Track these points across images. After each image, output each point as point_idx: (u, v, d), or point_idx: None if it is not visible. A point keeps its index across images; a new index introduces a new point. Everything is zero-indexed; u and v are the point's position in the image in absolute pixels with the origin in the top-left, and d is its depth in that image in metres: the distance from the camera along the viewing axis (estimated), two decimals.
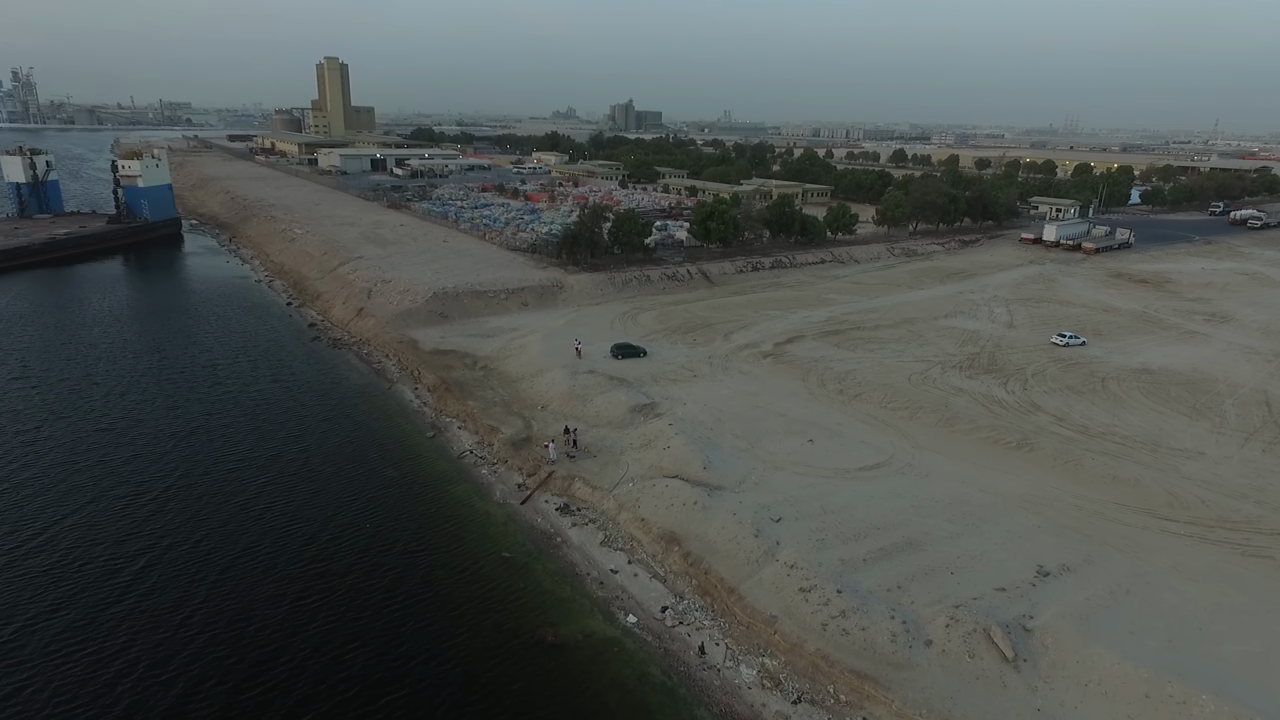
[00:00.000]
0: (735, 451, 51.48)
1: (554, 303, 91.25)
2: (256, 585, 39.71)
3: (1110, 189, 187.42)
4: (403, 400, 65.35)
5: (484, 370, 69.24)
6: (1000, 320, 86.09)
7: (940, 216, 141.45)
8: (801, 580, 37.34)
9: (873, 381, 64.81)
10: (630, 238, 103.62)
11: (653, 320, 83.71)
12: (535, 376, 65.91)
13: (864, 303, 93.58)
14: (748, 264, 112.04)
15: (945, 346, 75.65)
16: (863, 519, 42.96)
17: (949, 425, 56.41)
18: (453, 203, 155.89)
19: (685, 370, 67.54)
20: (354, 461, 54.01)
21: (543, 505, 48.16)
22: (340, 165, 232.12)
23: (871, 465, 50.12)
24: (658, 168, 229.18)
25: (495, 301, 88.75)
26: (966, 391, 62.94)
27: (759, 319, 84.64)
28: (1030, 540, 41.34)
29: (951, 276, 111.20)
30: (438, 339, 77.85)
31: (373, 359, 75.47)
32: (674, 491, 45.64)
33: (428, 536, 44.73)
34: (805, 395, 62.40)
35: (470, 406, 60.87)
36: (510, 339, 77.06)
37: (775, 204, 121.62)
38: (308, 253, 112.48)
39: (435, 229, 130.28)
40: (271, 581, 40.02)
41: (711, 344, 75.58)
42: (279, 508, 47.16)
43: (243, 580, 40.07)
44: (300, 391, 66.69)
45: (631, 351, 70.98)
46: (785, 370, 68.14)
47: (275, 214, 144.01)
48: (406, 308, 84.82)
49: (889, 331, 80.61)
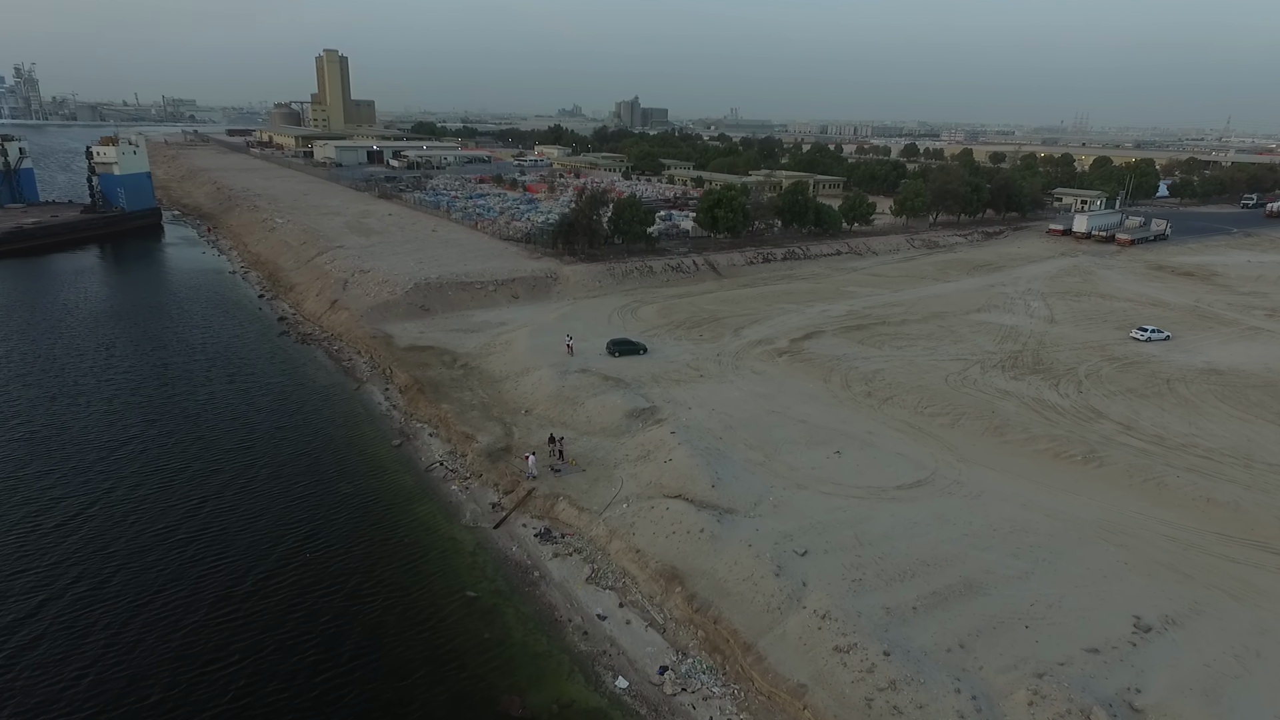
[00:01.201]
0: (749, 466, 43.62)
1: (547, 295, 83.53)
2: (163, 640, 31.93)
3: (1137, 180, 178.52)
4: (370, 403, 57.71)
5: (464, 369, 61.54)
6: (1039, 315, 77.92)
7: (962, 207, 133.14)
8: (837, 635, 29.46)
9: (905, 383, 56.83)
10: (631, 226, 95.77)
11: (654, 314, 75.88)
12: (520, 376, 58.17)
13: (887, 296, 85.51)
14: (758, 255, 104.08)
15: (982, 343, 67.58)
16: (907, 552, 35.05)
17: (998, 434, 48.39)
18: (446, 193, 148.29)
19: (690, 369, 59.72)
20: (305, 476, 46.33)
21: (520, 530, 40.40)
22: (335, 157, 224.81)
23: (911, 483, 42.18)
24: (662, 160, 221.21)
25: (482, 293, 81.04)
26: (1014, 395, 54.88)
27: (772, 313, 76.72)
28: (1118, 581, 33.34)
29: (979, 269, 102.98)
30: (416, 334, 70.21)
31: (343, 356, 67.86)
32: (676, 516, 37.81)
33: (380, 570, 36.99)
34: (828, 398, 54.48)
35: (444, 410, 53.15)
36: (496, 334, 69.36)
37: (788, 191, 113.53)
38: (286, 242, 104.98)
39: (425, 218, 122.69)
40: (182, 635, 32.23)
41: (720, 340, 67.72)
42: (208, 536, 39.46)
43: (147, 633, 32.32)
44: (256, 394, 59.08)
45: (630, 348, 63.20)
46: (804, 370, 60.22)
47: (259, 204, 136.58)
48: (384, 300, 77.21)
49: (917, 327, 72.55)
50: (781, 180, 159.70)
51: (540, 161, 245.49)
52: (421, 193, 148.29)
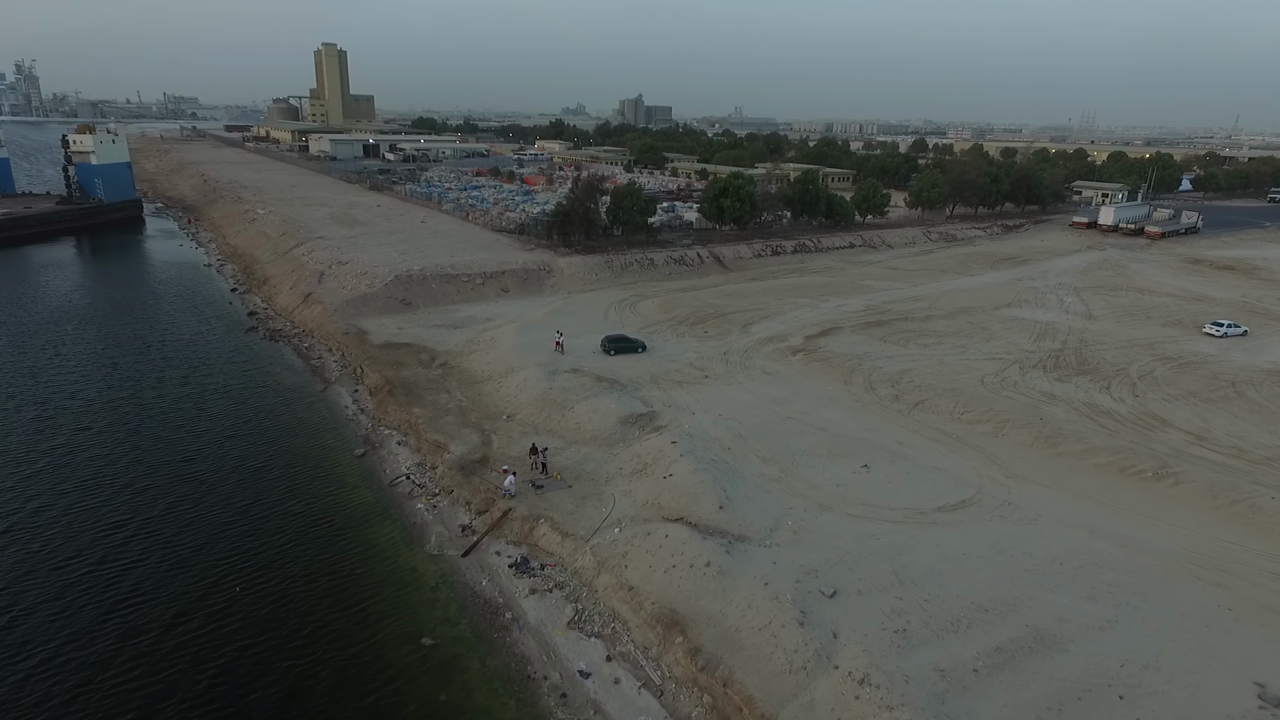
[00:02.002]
0: (763, 482, 37.31)
1: (540, 288, 77.31)
2: (41, 702, 25.83)
3: (1159, 174, 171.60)
4: (336, 406, 51.54)
5: (442, 368, 55.32)
6: (1075, 311, 71.43)
7: (980, 199, 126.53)
8: (880, 708, 23.15)
9: (936, 385, 50.42)
10: (631, 216, 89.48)
11: (655, 309, 69.59)
12: (503, 377, 51.93)
13: (907, 290, 79.07)
14: (766, 247, 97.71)
15: (1017, 341, 61.13)
16: (959, 593, 28.72)
17: (1050, 445, 41.96)
18: (439, 185, 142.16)
19: (694, 369, 53.42)
20: (250, 492, 40.14)
21: (492, 559, 34.15)
22: (330, 150, 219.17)
23: (955, 504, 35.82)
24: (666, 154, 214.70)
25: (469, 287, 74.83)
26: (1061, 399, 48.43)
27: (784, 307, 70.35)
28: (1225, 634, 26.96)
29: (1003, 262, 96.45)
30: (394, 330, 64.03)
31: (313, 354, 61.72)
32: (677, 544, 31.52)
33: (321, 610, 30.77)
34: (851, 403, 48.10)
35: (415, 415, 46.92)
36: (481, 330, 63.16)
37: (799, 181, 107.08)
38: (265, 233, 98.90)
39: (415, 210, 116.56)
40: (63, 697, 26.12)
41: (727, 337, 61.40)
42: (129, 576, 33.06)
43: (19, 693, 26.20)
44: (211, 397, 52.92)
45: (627, 345, 56.94)
46: (822, 370, 53.86)
47: (243, 195, 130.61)
48: (362, 293, 71.04)
49: (944, 323, 66.11)
50: (789, 173, 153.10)
51: (540, 156, 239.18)
52: (414, 185, 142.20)
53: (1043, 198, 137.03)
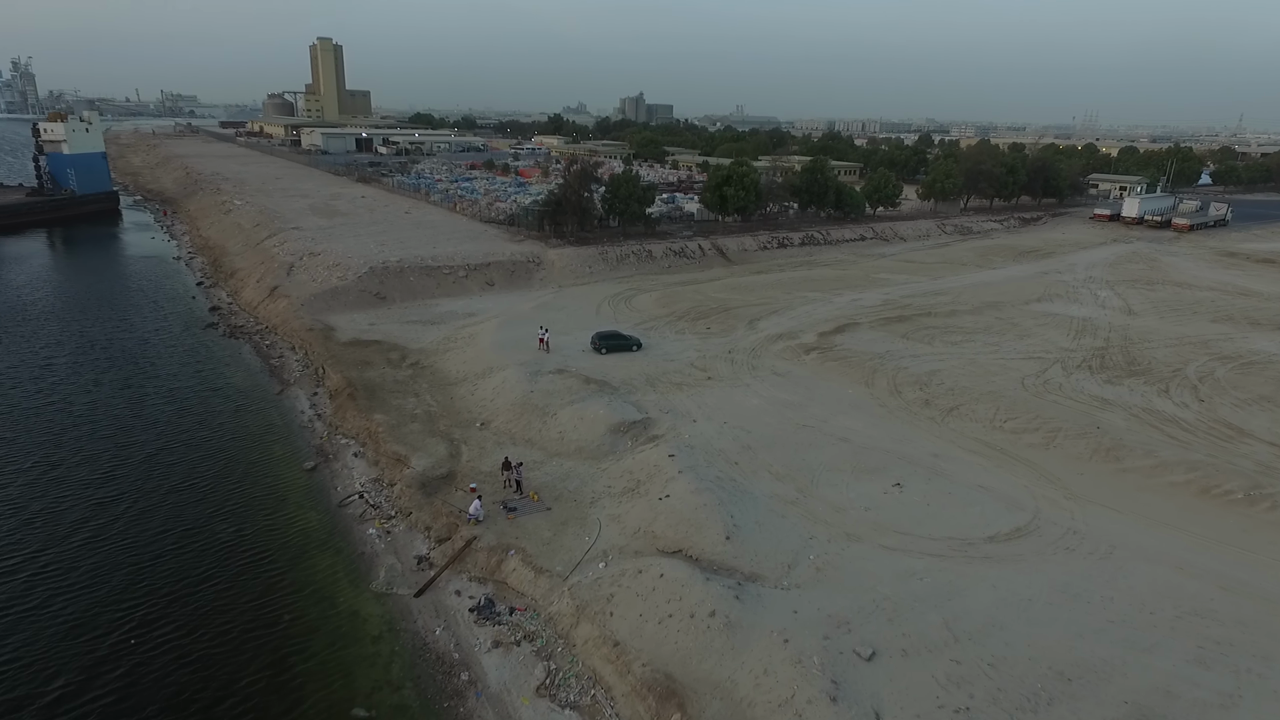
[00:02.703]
0: (777, 505, 31.31)
1: (528, 282, 71.31)
2: None
3: (1178, 166, 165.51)
4: (291, 411, 45.58)
5: (413, 368, 49.33)
6: (1113, 306, 65.35)
7: (996, 190, 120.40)
8: None
9: (971, 387, 44.37)
10: (628, 205, 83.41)
11: (652, 303, 63.59)
12: (480, 378, 45.95)
13: (926, 284, 73.03)
14: (772, 239, 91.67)
15: (1055, 339, 55.08)
16: (1029, 653, 22.70)
17: (1112, 459, 35.90)
18: (429, 177, 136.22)
19: (695, 370, 47.43)
20: (176, 516, 34.16)
21: (451, 600, 28.16)
22: (321, 144, 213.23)
23: (1009, 532, 29.80)
24: (667, 147, 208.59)
25: (451, 280, 68.83)
26: (1116, 403, 42.36)
27: (794, 302, 64.31)
28: None
29: (1025, 255, 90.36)
30: (364, 325, 58.08)
31: (273, 352, 55.78)
32: (675, 586, 25.53)
33: (231, 670, 24.80)
34: (875, 408, 42.05)
35: (375, 423, 40.92)
36: (460, 327, 57.20)
37: (806, 170, 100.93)
38: (239, 225, 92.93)
39: (401, 201, 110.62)
40: None
41: (732, 334, 55.40)
42: (15, 629, 27.30)
43: None
44: (152, 403, 46.94)
45: (620, 343, 50.93)
46: (839, 370, 47.81)
47: (223, 187, 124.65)
48: (333, 286, 65.07)
49: (971, 319, 60.07)
50: (794, 164, 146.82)
51: (538, 150, 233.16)
52: (403, 177, 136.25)
53: (1060, 190, 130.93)
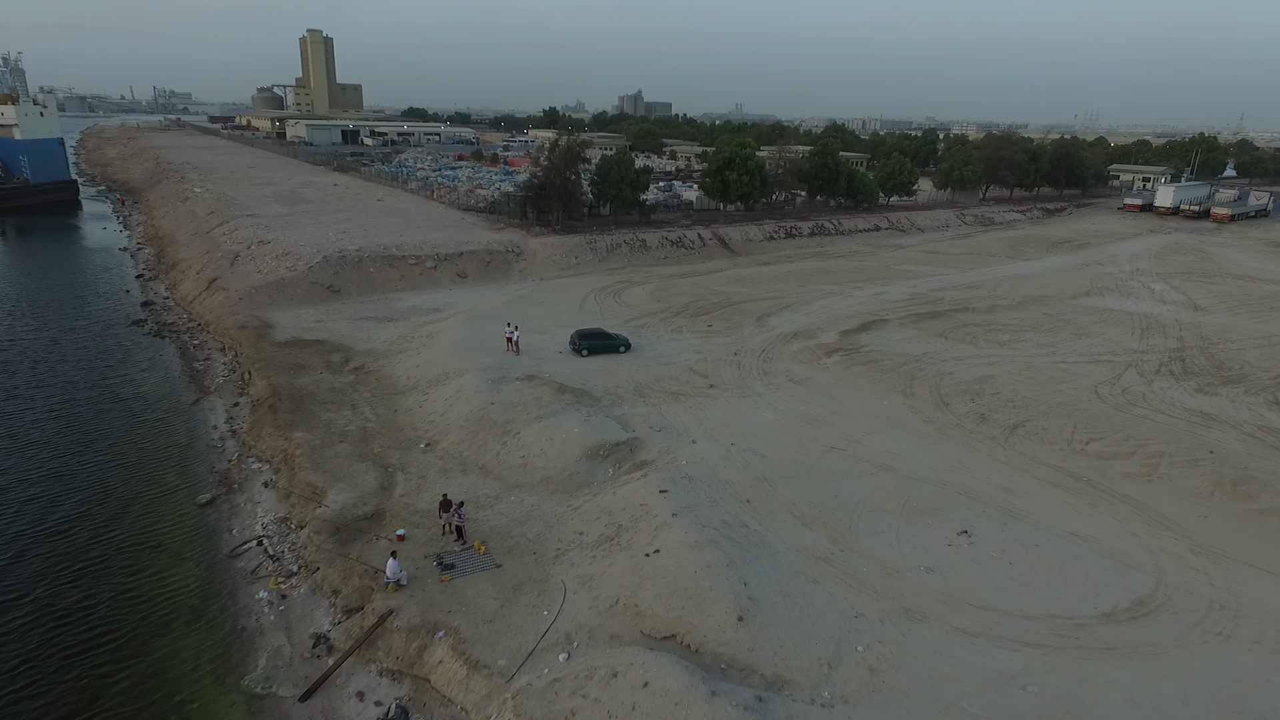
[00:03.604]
0: (806, 563, 23.04)
1: (506, 274, 63.09)
2: None
3: (1203, 157, 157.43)
4: (202, 427, 37.31)
5: (356, 373, 41.07)
6: (1174, 300, 57.16)
7: (1018, 179, 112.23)
8: None
9: (1034, 398, 36.12)
10: (620, 190, 75.13)
11: (645, 297, 55.35)
12: (433, 386, 37.72)
13: (955, 276, 64.81)
14: (779, 229, 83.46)
15: (1118, 338, 46.87)
16: None
17: (1243, 497, 27.62)
18: (411, 165, 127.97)
19: (695, 375, 39.18)
20: (14, 571, 25.94)
21: (348, 709, 19.90)
22: (305, 135, 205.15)
23: (1130, 606, 21.57)
24: (665, 139, 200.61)
25: (417, 271, 60.57)
26: (1220, 419, 34.12)
27: (807, 295, 56.09)
28: None
29: (1059, 246, 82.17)
30: (310, 323, 49.84)
31: (200, 354, 47.49)
32: (664, 704, 17.27)
33: None
34: (919, 424, 33.79)
35: (294, 443, 32.65)
36: (421, 324, 49.01)
37: (816, 154, 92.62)
38: (193, 213, 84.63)
39: (376, 188, 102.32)
40: None
41: (738, 332, 47.15)
42: None
43: None
44: (33, 418, 38.55)
45: (605, 342, 42.64)
46: (870, 376, 39.54)
47: (189, 175, 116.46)
48: (280, 277, 56.79)
49: (1015, 315, 51.86)
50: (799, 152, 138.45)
51: (531, 143, 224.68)
52: (383, 165, 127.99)
53: (1085, 180, 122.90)
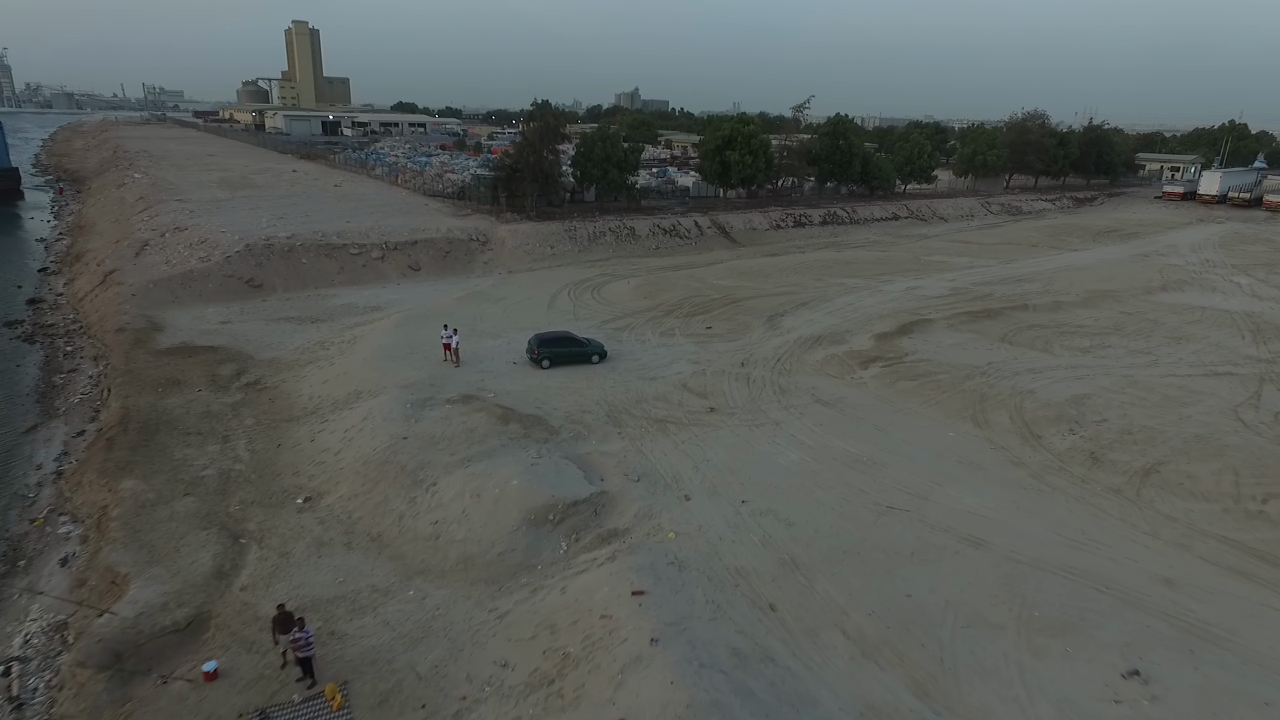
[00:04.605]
0: None
1: (468, 266, 53.31)
2: None
3: (1233, 145, 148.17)
4: (25, 465, 27.44)
5: (246, 390, 31.21)
6: (1269, 297, 47.54)
7: (1045, 166, 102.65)
8: None
9: (1156, 427, 26.37)
10: (605, 171, 65.34)
11: (631, 292, 45.55)
12: (336, 410, 27.88)
13: (998, 268, 55.15)
14: (787, 217, 73.78)
15: (1227, 342, 37.20)
16: None
17: None
18: (384, 152, 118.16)
19: (689, 394, 29.32)
20: None
21: None
22: (282, 126, 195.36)
23: None
24: (661, 130, 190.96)
25: (360, 262, 50.76)
26: None
27: (828, 290, 46.33)
28: None
29: (1105, 236, 72.60)
30: (213, 324, 40.01)
31: (69, 363, 37.60)
32: None
33: None
34: (1004, 466, 23.98)
35: (120, 495, 22.82)
36: (348, 326, 39.21)
37: (827, 133, 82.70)
38: (123, 199, 74.77)
39: (337, 175, 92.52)
40: None
41: (745, 335, 37.36)
42: None
43: None
44: None
45: (572, 350, 32.69)
46: (923, 395, 29.71)
47: (140, 162, 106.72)
48: (189, 269, 46.92)
49: (1085, 313, 42.14)
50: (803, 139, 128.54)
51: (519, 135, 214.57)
52: (352, 152, 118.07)
53: (1115, 167, 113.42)
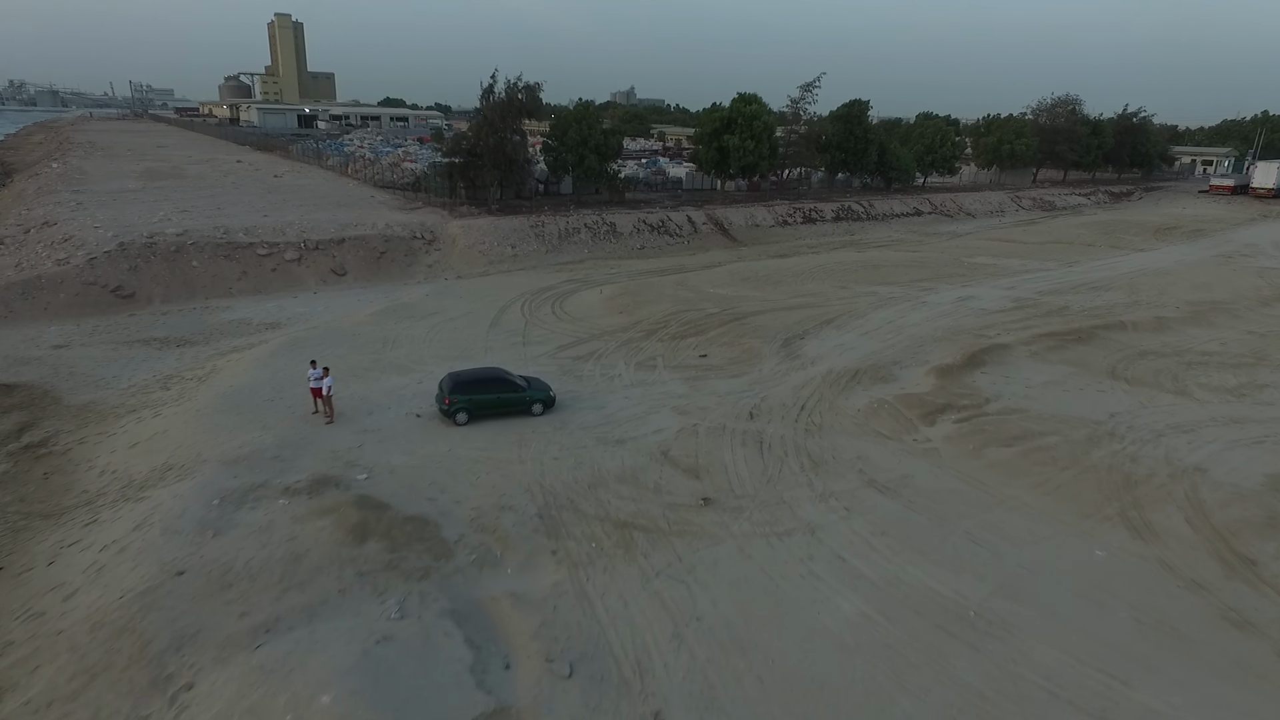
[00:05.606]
0: None
1: (408, 269, 43.04)
2: None
3: (1267, 137, 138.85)
4: None
5: (21, 457, 20.91)
6: None
7: (1077, 158, 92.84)
8: None
9: None
10: (582, 156, 55.19)
11: (601, 305, 35.25)
12: (117, 504, 17.58)
13: (1059, 273, 45.02)
14: (795, 212, 63.66)
15: None
16: None
17: None
18: (344, 142, 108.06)
19: (672, 470, 18.96)
20: None
21: None
22: (255, 120, 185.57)
23: None
24: (654, 124, 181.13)
25: (269, 265, 40.42)
26: None
27: (858, 303, 36.08)
28: None
29: (1166, 233, 62.65)
30: (42, 348, 29.81)
31: None
32: None
33: None
34: (1216, 624, 13.82)
35: None
36: (219, 353, 28.97)
37: (840, 118, 72.39)
38: (22, 191, 64.54)
39: (283, 165, 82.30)
40: None
41: (752, 368, 27.09)
42: None
43: None
44: None
45: (500, 397, 22.08)
46: (1029, 473, 19.46)
47: (76, 152, 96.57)
48: (38, 274, 36.53)
49: (1200, 333, 31.90)
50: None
51: None
52: (315, 144, 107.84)
53: (1151, 160, 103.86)
